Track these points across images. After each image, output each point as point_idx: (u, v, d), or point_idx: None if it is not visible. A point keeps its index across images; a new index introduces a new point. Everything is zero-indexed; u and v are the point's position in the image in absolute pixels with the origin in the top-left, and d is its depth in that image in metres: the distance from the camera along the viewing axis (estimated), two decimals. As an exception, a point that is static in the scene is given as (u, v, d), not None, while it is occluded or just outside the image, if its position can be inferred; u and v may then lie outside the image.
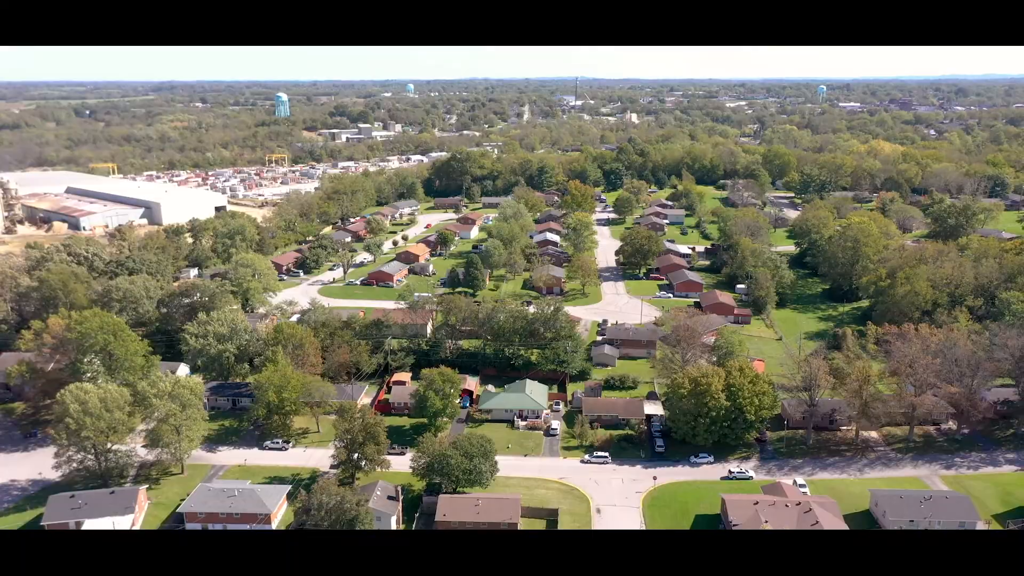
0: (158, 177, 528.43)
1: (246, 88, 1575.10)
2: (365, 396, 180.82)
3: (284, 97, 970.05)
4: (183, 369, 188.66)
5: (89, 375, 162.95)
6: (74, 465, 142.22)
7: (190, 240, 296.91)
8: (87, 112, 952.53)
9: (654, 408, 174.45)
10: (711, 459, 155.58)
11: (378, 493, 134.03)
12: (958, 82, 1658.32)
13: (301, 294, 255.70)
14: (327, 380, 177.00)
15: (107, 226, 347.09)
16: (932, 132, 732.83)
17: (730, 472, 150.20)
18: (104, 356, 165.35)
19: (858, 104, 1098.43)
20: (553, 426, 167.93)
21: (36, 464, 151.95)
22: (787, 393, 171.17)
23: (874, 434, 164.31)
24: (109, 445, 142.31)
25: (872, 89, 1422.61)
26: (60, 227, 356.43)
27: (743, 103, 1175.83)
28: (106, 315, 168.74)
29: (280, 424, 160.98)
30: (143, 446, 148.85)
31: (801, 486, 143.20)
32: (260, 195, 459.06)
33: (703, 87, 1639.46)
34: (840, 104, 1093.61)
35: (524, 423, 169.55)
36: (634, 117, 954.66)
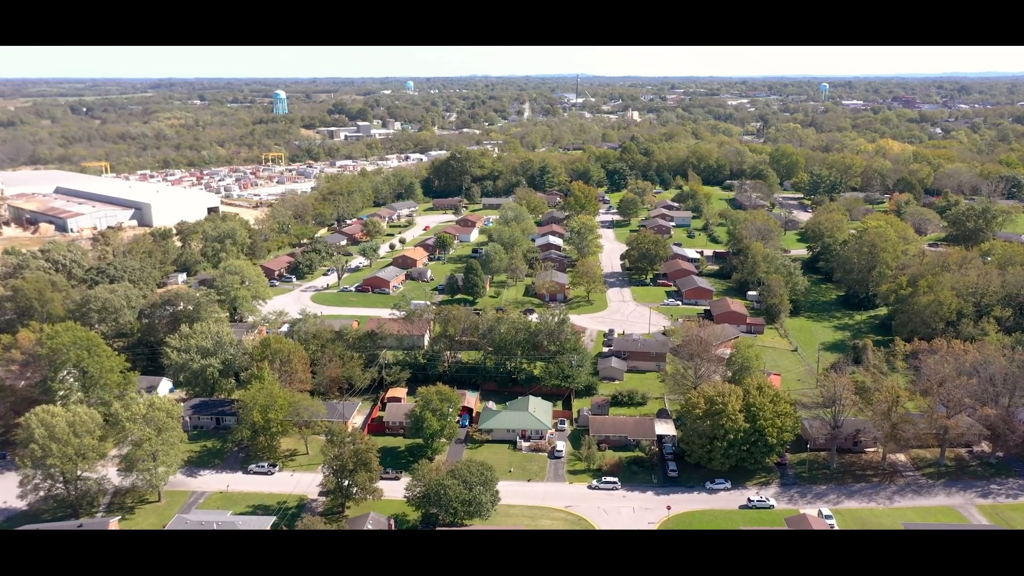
0: (152, 176, 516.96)
1: (245, 85, 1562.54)
2: (358, 414, 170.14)
3: (282, 95, 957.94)
4: (165, 384, 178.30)
5: (62, 393, 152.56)
6: (41, 494, 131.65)
7: (178, 244, 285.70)
8: (84, 109, 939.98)
9: (666, 428, 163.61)
10: (728, 485, 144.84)
11: (369, 526, 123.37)
12: (959, 80, 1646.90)
13: (293, 301, 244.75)
14: (317, 397, 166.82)
15: (95, 228, 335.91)
16: (938, 130, 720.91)
17: (749, 500, 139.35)
18: (78, 373, 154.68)
19: (861, 102, 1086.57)
20: (558, 447, 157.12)
21: (3, 490, 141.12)
22: (807, 411, 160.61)
23: (902, 457, 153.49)
24: (79, 472, 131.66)
25: (874, 87, 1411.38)
26: (47, 229, 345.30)
27: (745, 101, 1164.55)
28: (79, 329, 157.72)
29: (266, 446, 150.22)
30: (119, 469, 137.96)
31: (827, 517, 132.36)
32: (256, 195, 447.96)
33: (704, 84, 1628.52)
34: (843, 102, 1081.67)
35: (527, 444, 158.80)
36: (636, 115, 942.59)
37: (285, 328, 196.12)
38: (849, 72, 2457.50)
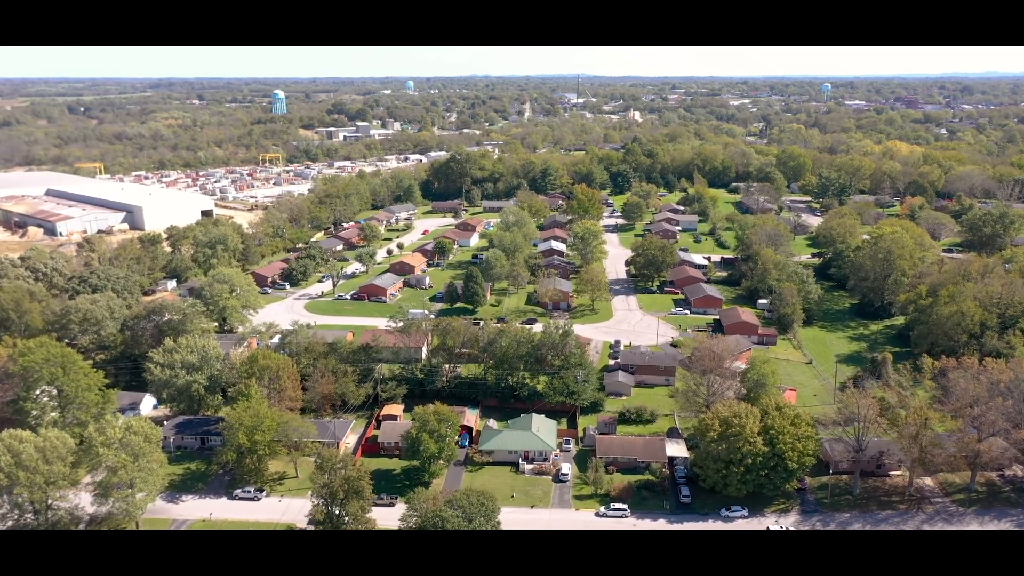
0: (147, 178, 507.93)
1: (244, 85, 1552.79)
2: (351, 433, 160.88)
3: (281, 95, 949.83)
4: (149, 400, 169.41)
5: (35, 413, 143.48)
6: (8, 523, 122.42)
7: (168, 249, 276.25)
8: (81, 109, 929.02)
9: (677, 449, 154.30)
10: (745, 512, 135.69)
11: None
12: (961, 80, 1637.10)
13: (286, 310, 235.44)
14: (308, 415, 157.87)
15: (85, 232, 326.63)
16: (943, 131, 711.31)
17: (768, 530, 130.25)
18: (53, 391, 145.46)
19: (863, 102, 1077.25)
20: (563, 470, 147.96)
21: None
22: (826, 431, 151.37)
23: (929, 481, 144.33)
24: (49, 501, 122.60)
25: (876, 87, 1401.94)
26: (35, 232, 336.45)
27: (747, 101, 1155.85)
28: (55, 345, 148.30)
29: (252, 469, 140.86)
30: (95, 494, 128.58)
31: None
32: (252, 197, 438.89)
33: (705, 84, 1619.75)
34: (845, 102, 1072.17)
35: (530, 466, 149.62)
36: (637, 115, 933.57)
37: (276, 339, 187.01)
38: (850, 72, 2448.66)
